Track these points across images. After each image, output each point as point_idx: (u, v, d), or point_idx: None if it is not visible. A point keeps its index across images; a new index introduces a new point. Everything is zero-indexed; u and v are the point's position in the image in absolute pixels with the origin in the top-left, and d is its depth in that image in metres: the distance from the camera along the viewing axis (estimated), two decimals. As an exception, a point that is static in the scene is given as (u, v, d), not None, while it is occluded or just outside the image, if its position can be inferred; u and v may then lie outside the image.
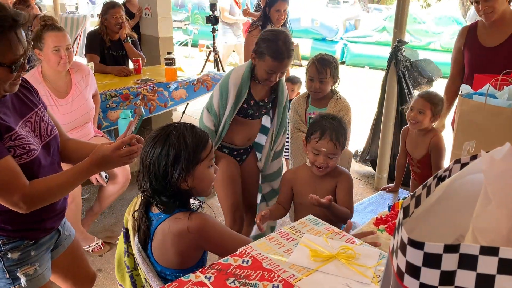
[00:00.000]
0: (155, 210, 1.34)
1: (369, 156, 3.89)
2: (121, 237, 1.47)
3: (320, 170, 1.86)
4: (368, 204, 2.34)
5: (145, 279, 1.35)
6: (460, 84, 2.69)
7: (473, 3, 2.40)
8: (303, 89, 3.52)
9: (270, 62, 2.04)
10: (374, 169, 3.74)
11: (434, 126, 2.37)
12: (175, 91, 3.57)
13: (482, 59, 2.51)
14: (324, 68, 2.34)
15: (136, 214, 1.38)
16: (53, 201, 1.42)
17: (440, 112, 2.27)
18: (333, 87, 2.46)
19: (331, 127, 1.84)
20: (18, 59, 1.26)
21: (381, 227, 1.63)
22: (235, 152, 2.36)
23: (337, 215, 1.81)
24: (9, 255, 1.40)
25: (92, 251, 2.69)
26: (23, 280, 1.43)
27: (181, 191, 1.30)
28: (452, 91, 2.74)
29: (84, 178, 1.41)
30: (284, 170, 3.83)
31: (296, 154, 2.51)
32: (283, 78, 2.30)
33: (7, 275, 1.41)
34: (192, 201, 1.37)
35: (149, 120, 3.69)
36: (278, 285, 1.14)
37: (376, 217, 1.72)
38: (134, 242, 1.35)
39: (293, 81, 3.54)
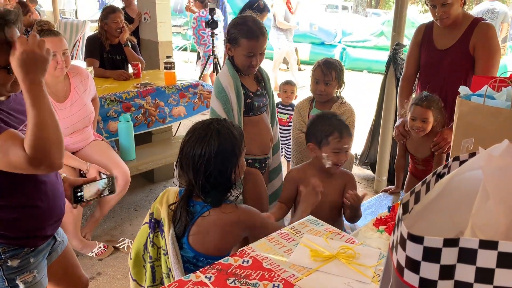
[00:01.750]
0: (197, 199, 1.39)
1: (368, 159, 3.90)
2: (141, 231, 1.49)
3: (338, 167, 1.91)
4: (368, 207, 2.34)
5: (169, 268, 1.39)
6: (413, 84, 2.66)
7: (429, 6, 2.38)
8: (299, 94, 3.58)
9: (247, 43, 2.03)
10: (374, 172, 3.74)
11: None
12: (175, 108, 3.55)
13: (433, 61, 2.52)
14: (329, 70, 2.37)
15: (172, 206, 1.42)
16: (53, 141, 1.23)
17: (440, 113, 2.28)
18: (338, 92, 2.47)
19: (342, 123, 1.91)
20: None
21: (381, 227, 1.62)
22: (258, 164, 2.21)
23: (357, 213, 1.91)
24: (8, 263, 1.39)
25: (95, 255, 2.69)
26: None
27: (232, 182, 1.39)
28: (407, 90, 2.66)
29: (41, 95, 1.21)
30: (284, 169, 3.86)
31: (298, 155, 2.52)
32: (263, 67, 2.26)
33: (6, 283, 1.40)
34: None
35: (149, 132, 3.68)
36: (278, 284, 1.14)
37: (376, 217, 1.71)
38: (169, 232, 1.38)
39: (292, 83, 3.65)
